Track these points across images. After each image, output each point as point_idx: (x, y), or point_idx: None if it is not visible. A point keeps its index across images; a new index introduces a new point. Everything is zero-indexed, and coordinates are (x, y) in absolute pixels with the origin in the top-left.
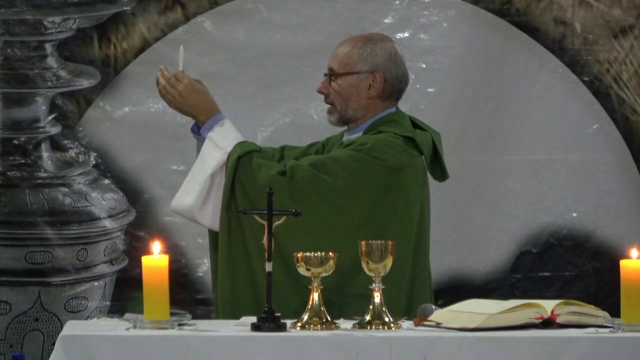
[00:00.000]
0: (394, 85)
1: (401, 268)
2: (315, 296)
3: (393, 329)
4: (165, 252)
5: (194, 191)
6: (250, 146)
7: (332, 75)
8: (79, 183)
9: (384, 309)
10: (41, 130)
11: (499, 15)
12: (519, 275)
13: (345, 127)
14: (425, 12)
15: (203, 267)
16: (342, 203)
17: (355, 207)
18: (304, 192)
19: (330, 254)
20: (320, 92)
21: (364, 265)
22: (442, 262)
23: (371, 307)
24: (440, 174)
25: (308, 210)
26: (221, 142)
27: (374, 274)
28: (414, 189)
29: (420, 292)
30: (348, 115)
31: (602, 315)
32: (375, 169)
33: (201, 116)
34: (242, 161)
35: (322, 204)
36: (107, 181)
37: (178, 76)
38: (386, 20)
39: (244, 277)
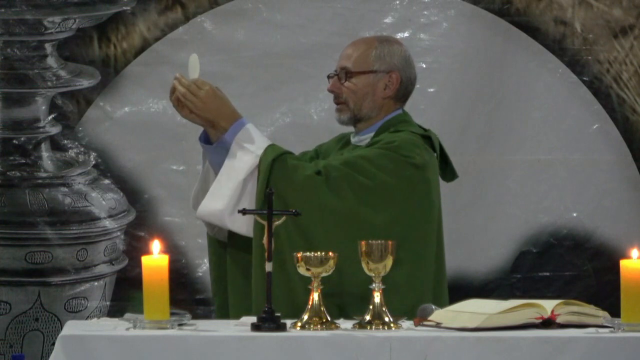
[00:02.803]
0: (407, 87)
1: (427, 267)
2: (315, 296)
3: (393, 329)
4: (165, 252)
5: (224, 196)
6: (281, 149)
7: (347, 73)
8: (79, 183)
9: (384, 309)
10: (41, 130)
11: (499, 15)
12: (519, 275)
13: (351, 129)
14: (425, 12)
15: (203, 267)
16: (376, 201)
17: (387, 205)
18: (340, 191)
19: (330, 254)
20: (331, 91)
21: (364, 265)
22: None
23: (371, 307)
24: (449, 174)
25: (345, 209)
26: (251, 146)
27: (374, 274)
28: (435, 187)
29: (442, 290)
30: (361, 114)
31: (602, 315)
32: (405, 167)
33: (222, 122)
34: (276, 164)
35: (357, 202)
36: (107, 181)
37: (198, 83)
38: (386, 20)
39: (280, 282)
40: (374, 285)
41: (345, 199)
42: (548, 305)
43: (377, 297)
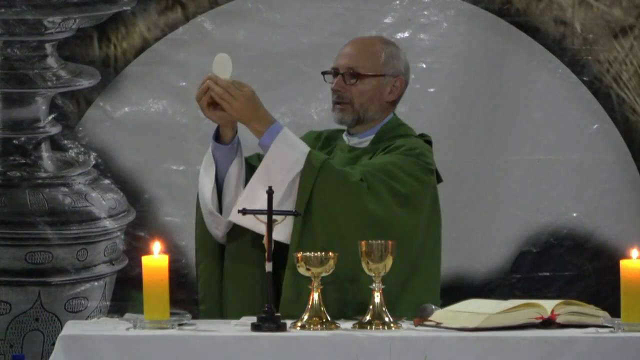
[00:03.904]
0: (404, 92)
1: (438, 271)
2: (315, 296)
3: (393, 329)
4: (165, 252)
5: (263, 201)
6: (322, 154)
7: (357, 75)
8: (79, 183)
9: (384, 309)
10: (41, 130)
11: (499, 15)
12: (519, 275)
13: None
14: (425, 12)
15: None
16: (407, 208)
17: (415, 211)
18: (380, 198)
19: (330, 254)
20: (336, 90)
21: (364, 265)
22: (442, 262)
23: (371, 307)
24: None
25: (383, 216)
26: (292, 151)
27: (374, 274)
28: (438, 193)
29: (438, 293)
30: (366, 117)
31: (602, 315)
32: (426, 174)
33: (257, 124)
34: (323, 170)
35: (393, 209)
36: (107, 181)
37: (236, 84)
38: (386, 20)
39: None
40: (374, 285)
41: (384, 205)
42: (548, 305)
43: (377, 297)
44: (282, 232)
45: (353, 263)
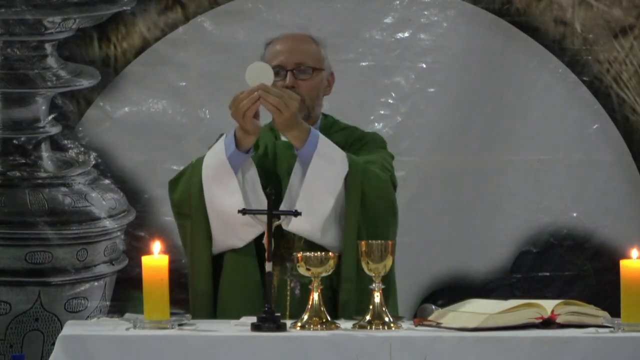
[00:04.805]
0: None
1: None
2: (315, 296)
3: (393, 329)
4: (165, 252)
5: (315, 210)
6: (352, 155)
7: (311, 70)
8: (79, 183)
9: (384, 309)
10: (41, 130)
11: (499, 15)
12: (519, 275)
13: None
14: (425, 12)
15: None
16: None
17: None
18: (394, 194)
19: (330, 254)
20: (291, 86)
21: (364, 265)
22: (442, 262)
23: (371, 307)
24: None
25: (397, 210)
26: (335, 157)
27: (374, 274)
28: None
29: None
30: (313, 113)
31: (602, 315)
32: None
33: (297, 131)
34: (366, 174)
35: (396, 203)
36: (107, 181)
37: (289, 94)
38: (386, 20)
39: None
40: (374, 285)
41: (396, 200)
42: (548, 305)
43: (377, 297)
44: (330, 237)
45: None
